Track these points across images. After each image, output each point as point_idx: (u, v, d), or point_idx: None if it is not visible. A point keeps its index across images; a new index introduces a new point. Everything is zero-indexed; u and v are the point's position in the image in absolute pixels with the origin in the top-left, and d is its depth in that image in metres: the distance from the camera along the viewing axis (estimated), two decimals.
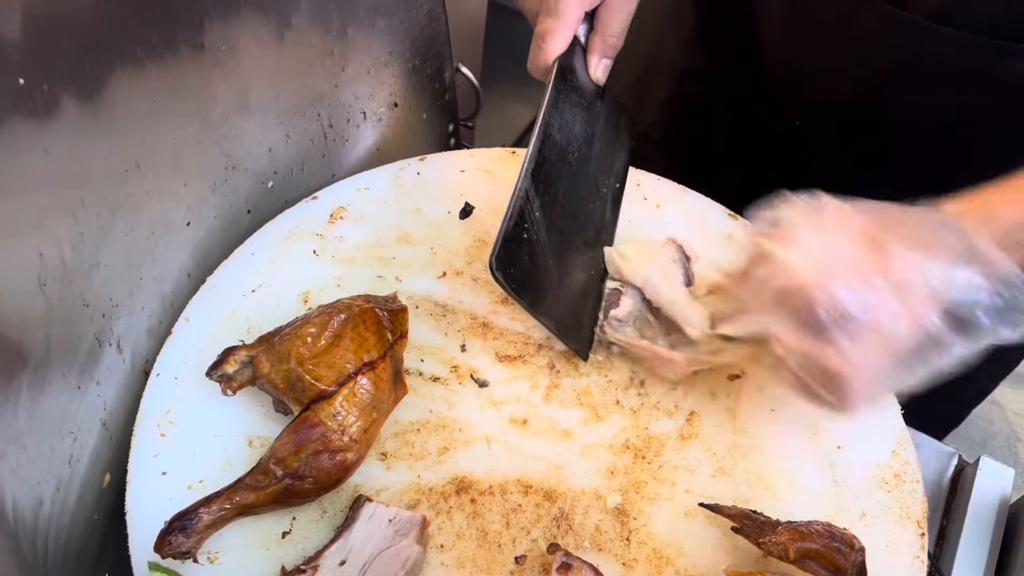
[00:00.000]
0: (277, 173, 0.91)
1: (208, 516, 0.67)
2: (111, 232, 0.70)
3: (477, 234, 0.91)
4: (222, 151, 0.82)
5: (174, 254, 0.80)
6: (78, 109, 0.62)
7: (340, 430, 0.69)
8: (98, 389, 0.72)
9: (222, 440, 0.75)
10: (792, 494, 0.76)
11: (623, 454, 0.77)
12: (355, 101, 0.96)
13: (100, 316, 0.70)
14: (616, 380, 0.82)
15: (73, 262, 0.65)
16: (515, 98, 2.21)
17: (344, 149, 0.98)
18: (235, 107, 0.81)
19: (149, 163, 0.72)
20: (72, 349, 0.67)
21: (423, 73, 1.02)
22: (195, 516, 0.66)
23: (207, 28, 0.73)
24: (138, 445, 0.74)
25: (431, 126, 1.08)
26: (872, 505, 0.75)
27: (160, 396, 0.77)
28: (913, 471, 0.77)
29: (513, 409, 0.79)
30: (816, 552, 0.67)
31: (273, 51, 0.82)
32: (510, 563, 0.71)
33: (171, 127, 0.74)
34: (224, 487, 0.68)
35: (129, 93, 0.67)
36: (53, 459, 0.66)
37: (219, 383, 0.73)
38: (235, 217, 0.88)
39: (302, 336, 0.72)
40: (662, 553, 0.72)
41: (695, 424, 0.80)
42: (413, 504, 0.73)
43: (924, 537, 0.73)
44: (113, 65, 0.64)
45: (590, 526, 0.73)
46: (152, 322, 0.80)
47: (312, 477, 0.69)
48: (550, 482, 0.75)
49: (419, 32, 0.98)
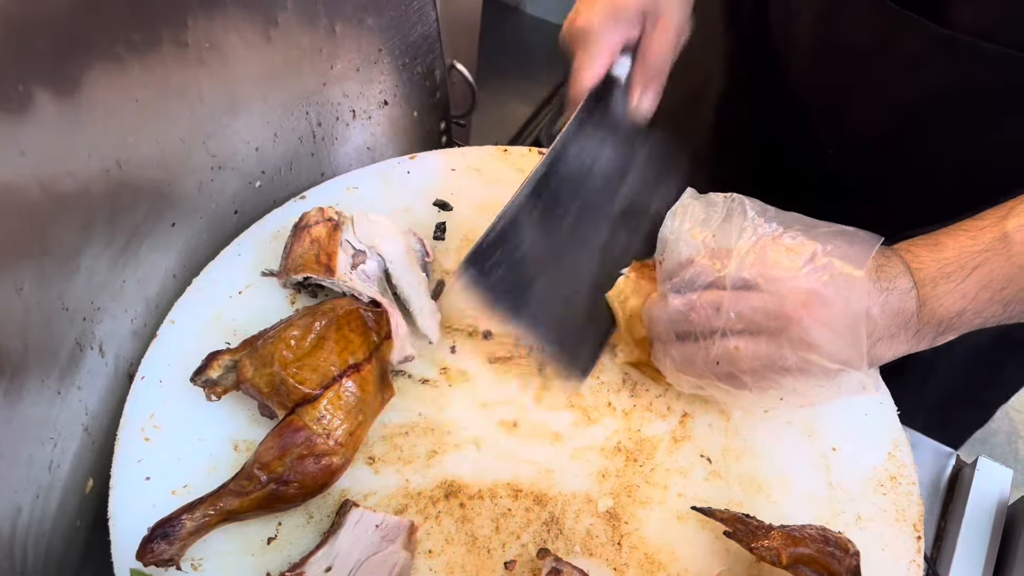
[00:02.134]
0: (265, 173, 0.90)
1: (191, 523, 0.66)
2: (91, 234, 0.68)
3: (466, 234, 0.90)
4: (208, 150, 0.81)
5: (159, 255, 0.79)
6: (56, 108, 0.61)
7: (325, 434, 0.68)
8: (79, 394, 0.71)
9: (207, 444, 0.74)
10: (786, 497, 0.75)
11: (615, 457, 0.76)
12: (344, 99, 0.95)
13: (81, 320, 0.69)
14: (608, 382, 0.81)
15: (51, 265, 0.64)
16: (512, 95, 2.20)
17: (333, 148, 0.97)
18: (221, 106, 0.80)
19: (132, 163, 0.71)
20: (52, 354, 0.66)
21: (414, 71, 1.01)
22: (178, 523, 0.65)
23: (191, 26, 0.72)
24: (121, 450, 0.73)
25: (422, 124, 1.07)
26: (868, 508, 0.74)
27: (144, 400, 0.76)
28: (909, 473, 0.76)
29: (503, 411, 0.78)
30: (809, 557, 0.65)
31: (260, 49, 0.81)
32: (499, 568, 0.70)
33: (155, 126, 0.73)
34: (208, 493, 0.67)
35: (110, 92, 0.66)
36: (32, 466, 0.65)
37: (203, 388, 0.72)
38: (221, 217, 0.87)
39: (285, 339, 0.71)
40: (654, 558, 0.71)
41: (688, 426, 0.78)
42: (401, 509, 0.72)
43: (920, 540, 0.72)
44: (93, 64, 0.63)
45: (581, 530, 0.72)
46: (136, 324, 0.78)
47: (297, 482, 0.67)
48: (540, 486, 0.74)
49: (409, 29, 0.96)
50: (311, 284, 0.82)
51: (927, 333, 0.67)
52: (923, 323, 0.67)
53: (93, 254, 0.69)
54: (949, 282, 0.65)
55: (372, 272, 0.81)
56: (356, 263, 0.80)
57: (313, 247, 0.80)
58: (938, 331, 0.67)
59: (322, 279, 0.79)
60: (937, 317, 0.66)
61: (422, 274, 0.83)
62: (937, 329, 0.67)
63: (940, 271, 0.66)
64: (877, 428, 0.79)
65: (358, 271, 0.80)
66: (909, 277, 0.66)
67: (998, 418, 2.22)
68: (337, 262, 0.79)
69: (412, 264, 0.83)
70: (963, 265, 0.65)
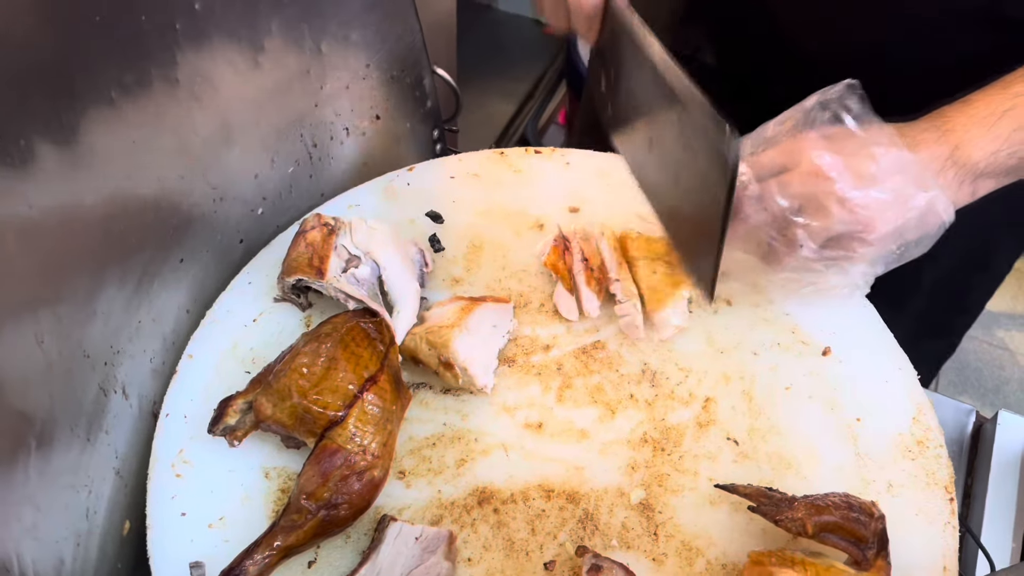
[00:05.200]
0: (266, 199, 0.90)
1: (254, 568, 0.66)
2: (103, 278, 0.69)
3: (472, 240, 0.90)
4: (208, 183, 0.81)
5: (170, 293, 0.79)
6: (57, 158, 0.61)
7: (361, 450, 0.69)
8: (107, 438, 0.71)
9: (238, 475, 0.74)
10: (816, 471, 0.75)
11: (642, 448, 0.77)
12: (337, 118, 0.95)
13: (102, 364, 0.70)
14: (627, 374, 0.81)
15: (68, 314, 0.64)
16: (493, 94, 2.20)
17: (331, 167, 0.97)
18: (217, 138, 0.80)
19: (135, 203, 0.71)
20: (77, 402, 0.66)
21: (403, 82, 1.01)
22: (241, 570, 0.65)
23: (180, 61, 0.72)
24: (154, 489, 0.73)
25: (415, 135, 1.07)
26: (898, 475, 0.75)
27: (171, 437, 0.76)
28: (936, 436, 0.77)
29: (527, 414, 0.79)
30: (835, 525, 0.66)
31: (249, 76, 0.81)
32: (539, 570, 0.70)
33: (153, 165, 0.73)
34: (261, 535, 0.67)
35: (107, 136, 0.66)
36: (69, 514, 0.65)
37: (224, 437, 0.73)
38: (228, 248, 0.87)
39: (297, 369, 0.71)
40: (691, 544, 0.71)
41: (711, 410, 0.79)
42: (436, 520, 0.72)
43: (953, 502, 0.73)
44: (87, 110, 0.64)
45: (616, 524, 0.72)
46: (155, 363, 0.79)
47: (346, 503, 0.68)
48: (571, 484, 0.75)
49: (395, 41, 0.96)
50: (305, 287, 0.82)
51: (965, 177, 0.70)
52: (959, 166, 0.69)
53: (107, 298, 0.69)
54: (980, 127, 0.69)
55: (364, 277, 0.81)
56: (348, 267, 0.81)
57: (307, 251, 0.81)
58: (976, 173, 0.70)
59: (312, 281, 0.79)
60: (972, 160, 0.69)
61: (415, 283, 0.83)
62: (974, 171, 0.70)
63: (970, 119, 0.69)
64: (899, 394, 0.80)
65: (348, 275, 0.80)
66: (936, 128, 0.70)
67: (1008, 366, 2.23)
68: (328, 265, 0.80)
69: (407, 272, 0.83)
70: (993, 111, 0.69)
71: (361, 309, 0.78)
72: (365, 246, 0.83)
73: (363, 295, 0.79)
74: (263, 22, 0.80)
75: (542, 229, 0.91)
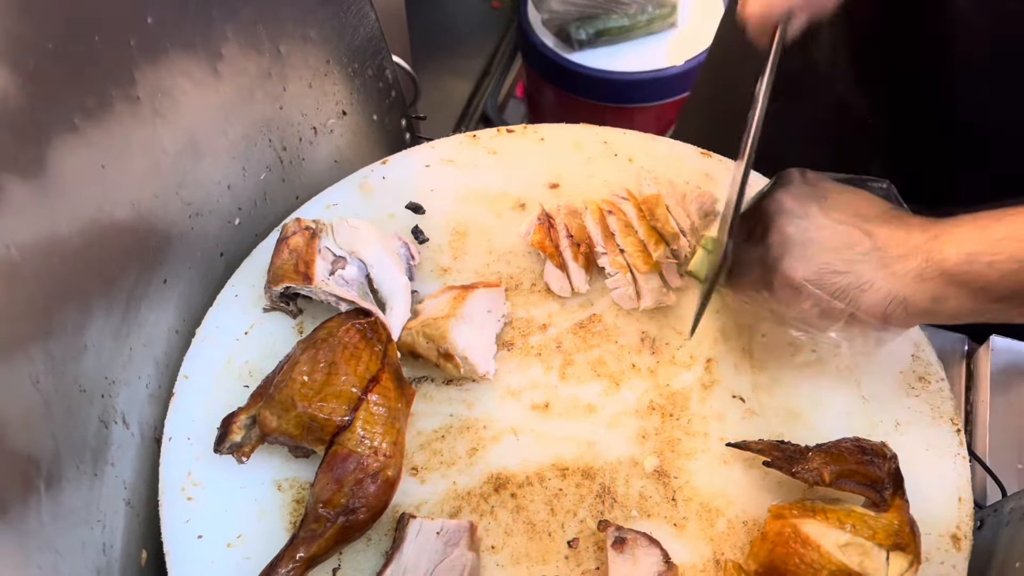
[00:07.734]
0: (241, 209, 0.88)
1: None
2: (90, 308, 0.67)
3: (455, 227, 0.90)
4: (182, 199, 0.79)
5: (158, 315, 0.78)
6: (28, 192, 0.59)
7: (372, 452, 0.69)
8: (114, 470, 0.70)
9: (250, 490, 0.73)
10: (823, 419, 0.76)
11: (650, 416, 0.77)
12: (303, 118, 0.93)
13: (99, 397, 0.68)
14: (627, 344, 0.81)
15: (59, 349, 0.63)
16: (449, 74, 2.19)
17: (303, 169, 0.95)
18: (185, 153, 0.78)
19: (112, 229, 0.69)
20: (79, 438, 0.65)
21: (365, 75, 0.99)
22: None
23: (139, 79, 0.70)
24: (167, 515, 0.72)
25: (384, 127, 1.05)
26: (903, 413, 0.76)
27: (177, 460, 0.75)
28: (936, 370, 0.78)
29: (532, 395, 0.78)
30: (850, 471, 0.67)
31: (210, 86, 0.79)
32: (564, 548, 0.70)
33: (125, 188, 0.71)
34: (282, 549, 0.67)
35: (75, 164, 0.64)
36: (87, 552, 0.64)
37: (231, 455, 0.72)
38: (209, 263, 0.85)
39: (297, 377, 0.70)
40: (710, 506, 0.72)
41: (714, 371, 0.79)
42: (455, 512, 0.72)
43: (960, 433, 0.74)
44: (52, 140, 0.62)
45: (634, 495, 0.73)
46: (151, 388, 0.77)
47: (364, 506, 0.68)
48: (585, 460, 0.75)
49: (352, 34, 0.95)
50: (293, 294, 0.81)
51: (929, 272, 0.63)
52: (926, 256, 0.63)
53: (96, 328, 0.68)
54: (971, 225, 0.62)
55: (352, 277, 0.80)
56: (335, 269, 0.80)
57: (292, 257, 0.80)
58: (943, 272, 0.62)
59: (300, 287, 0.78)
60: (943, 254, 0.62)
61: (404, 278, 0.82)
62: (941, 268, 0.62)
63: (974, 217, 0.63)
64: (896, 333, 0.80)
65: (336, 277, 0.79)
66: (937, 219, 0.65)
67: None
68: (315, 270, 0.79)
69: (394, 267, 0.82)
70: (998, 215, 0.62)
71: (353, 310, 0.77)
72: (349, 246, 0.82)
73: (353, 296, 0.78)
74: (218, 28, 0.78)
75: (524, 208, 0.91)
